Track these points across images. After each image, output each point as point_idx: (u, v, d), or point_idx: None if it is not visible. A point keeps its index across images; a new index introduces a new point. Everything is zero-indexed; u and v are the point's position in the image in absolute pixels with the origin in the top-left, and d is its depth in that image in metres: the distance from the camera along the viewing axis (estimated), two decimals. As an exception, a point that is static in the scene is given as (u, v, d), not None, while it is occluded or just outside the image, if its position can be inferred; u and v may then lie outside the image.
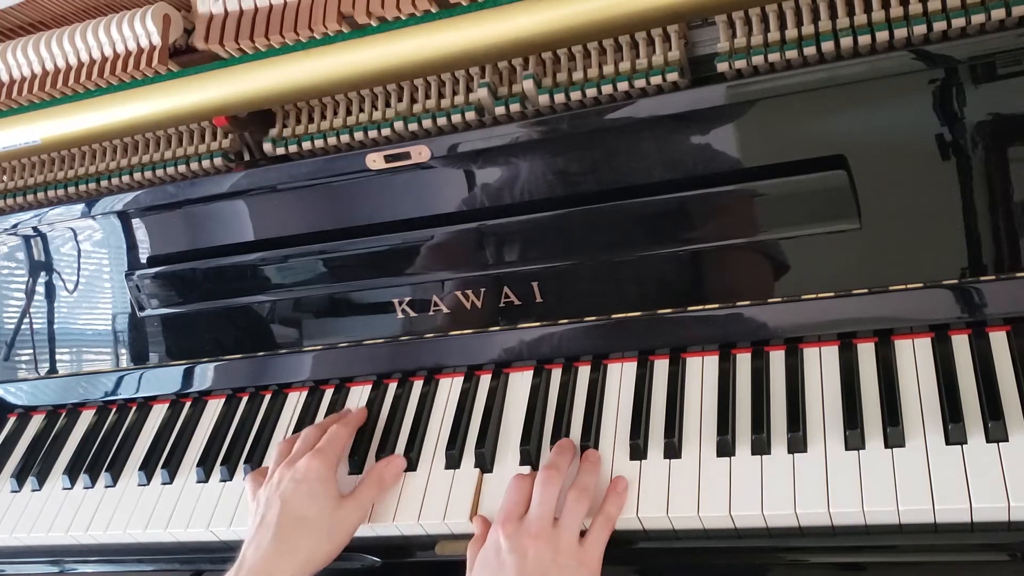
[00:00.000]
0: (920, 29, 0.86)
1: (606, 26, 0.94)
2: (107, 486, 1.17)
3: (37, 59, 1.14)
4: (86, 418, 1.29)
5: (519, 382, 1.07)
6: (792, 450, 0.89)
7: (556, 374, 1.06)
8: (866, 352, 0.95)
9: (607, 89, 0.96)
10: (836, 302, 0.96)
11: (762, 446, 0.90)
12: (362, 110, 1.09)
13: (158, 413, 1.25)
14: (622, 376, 1.03)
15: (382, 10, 0.98)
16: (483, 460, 1.01)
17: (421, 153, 1.02)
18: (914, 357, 0.93)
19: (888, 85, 0.88)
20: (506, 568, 0.86)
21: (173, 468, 1.15)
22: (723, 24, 0.94)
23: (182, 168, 1.15)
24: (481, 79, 1.03)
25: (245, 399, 1.21)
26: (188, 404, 1.24)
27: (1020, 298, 0.91)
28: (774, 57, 0.91)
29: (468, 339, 1.10)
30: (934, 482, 0.82)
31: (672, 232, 0.98)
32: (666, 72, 0.94)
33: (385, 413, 1.11)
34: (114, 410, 1.28)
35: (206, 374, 1.23)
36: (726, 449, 0.91)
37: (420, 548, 1.00)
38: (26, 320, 1.29)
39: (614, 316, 1.03)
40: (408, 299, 1.09)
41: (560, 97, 0.98)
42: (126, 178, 1.18)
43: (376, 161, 1.03)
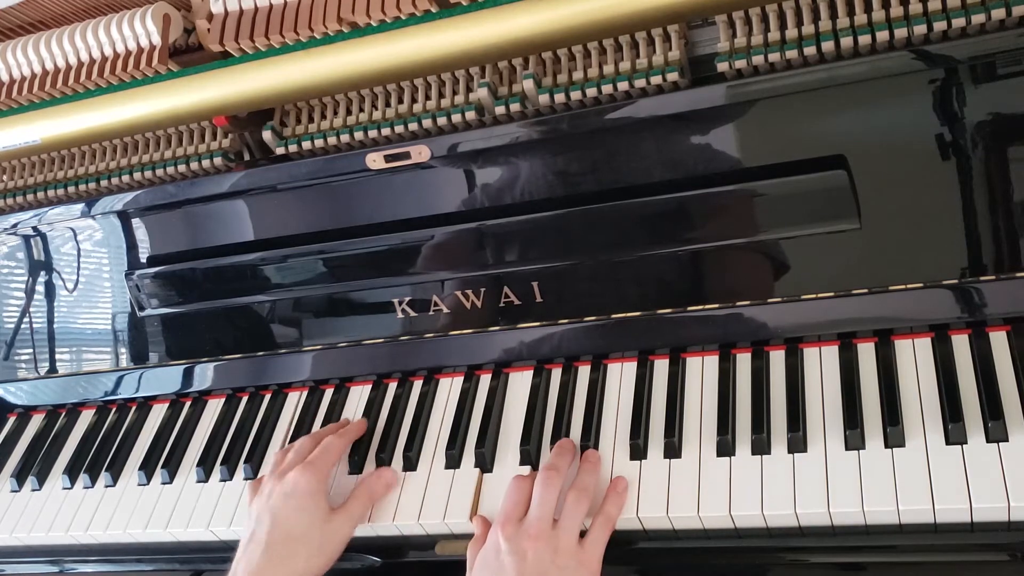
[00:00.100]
0: (920, 29, 0.86)
1: (606, 26, 0.94)
2: (107, 486, 1.17)
3: (37, 59, 1.14)
4: (86, 418, 1.29)
5: (519, 382, 1.07)
6: (792, 450, 0.89)
7: (556, 374, 1.06)
8: (866, 352, 0.95)
9: (607, 89, 0.96)
10: (836, 302, 0.96)
11: (762, 446, 0.90)
12: (362, 110, 1.09)
13: (158, 413, 1.25)
14: (622, 376, 1.03)
15: (382, 10, 0.98)
16: (483, 460, 1.01)
17: (421, 153, 1.02)
18: (914, 357, 0.93)
19: (888, 85, 0.88)
20: (506, 569, 0.86)
21: (173, 468, 1.16)
22: (723, 24, 0.94)
23: (182, 168, 1.15)
24: (481, 79, 1.03)
25: (245, 399, 1.21)
26: (188, 404, 1.24)
27: (1020, 298, 0.91)
28: (774, 57, 0.91)
29: (468, 339, 1.09)
30: (934, 482, 0.82)
31: (672, 232, 0.98)
32: (666, 72, 0.94)
33: (385, 413, 1.11)
34: (114, 410, 1.28)
35: (206, 374, 1.23)
36: (726, 449, 0.91)
37: (420, 548, 1.00)
38: (26, 320, 1.29)
39: (614, 316, 1.03)
40: (408, 299, 1.09)
41: (560, 97, 0.98)
42: (126, 178, 1.18)
43: (376, 161, 1.03)
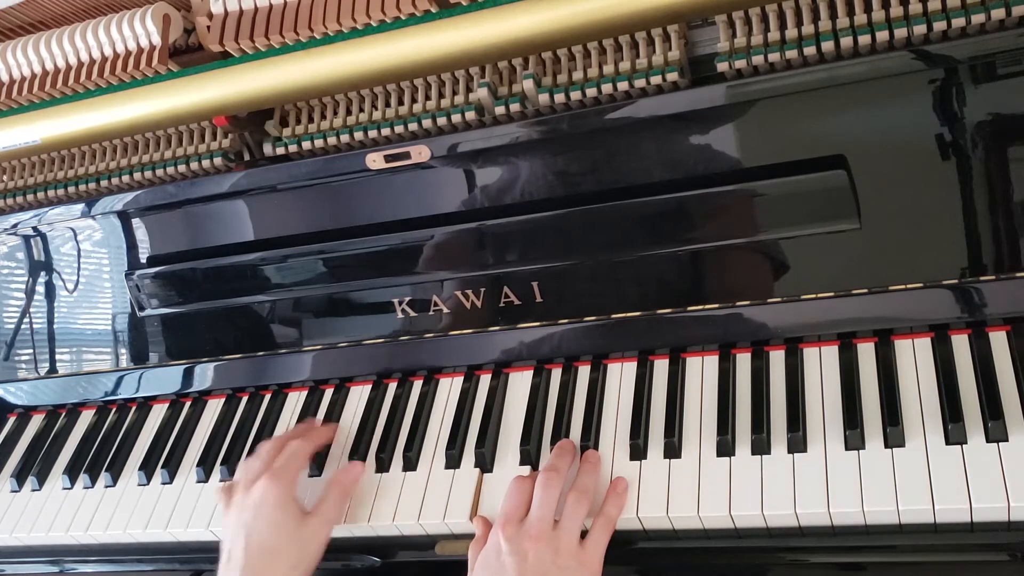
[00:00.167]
0: (920, 29, 0.86)
1: (606, 26, 0.94)
2: (107, 486, 1.17)
3: (37, 59, 1.14)
4: (86, 418, 1.29)
5: (519, 382, 1.07)
6: (792, 450, 0.89)
7: (556, 374, 1.06)
8: (866, 352, 0.95)
9: (607, 89, 0.96)
10: (836, 302, 0.95)
11: (762, 446, 0.90)
12: (362, 110, 1.09)
13: (158, 413, 1.25)
14: (622, 376, 1.03)
15: (382, 10, 0.98)
16: (483, 460, 1.01)
17: (421, 153, 1.02)
18: (914, 357, 0.93)
19: (888, 85, 0.88)
20: (507, 569, 0.86)
21: (173, 468, 1.16)
22: (723, 24, 0.94)
23: (182, 168, 1.15)
24: (481, 79, 1.03)
25: (245, 399, 1.21)
26: (188, 404, 1.24)
27: (1020, 298, 0.91)
28: (774, 57, 0.91)
29: (468, 339, 1.09)
30: (934, 482, 0.82)
31: (672, 232, 0.98)
32: (666, 72, 0.94)
33: (385, 413, 1.11)
34: (114, 410, 1.28)
35: (206, 374, 1.23)
36: (726, 449, 0.91)
37: (420, 548, 1.00)
38: (26, 320, 1.29)
39: (614, 316, 1.03)
40: (408, 299, 1.09)
41: (560, 97, 0.98)
42: (126, 178, 1.18)
43: (376, 161, 1.03)
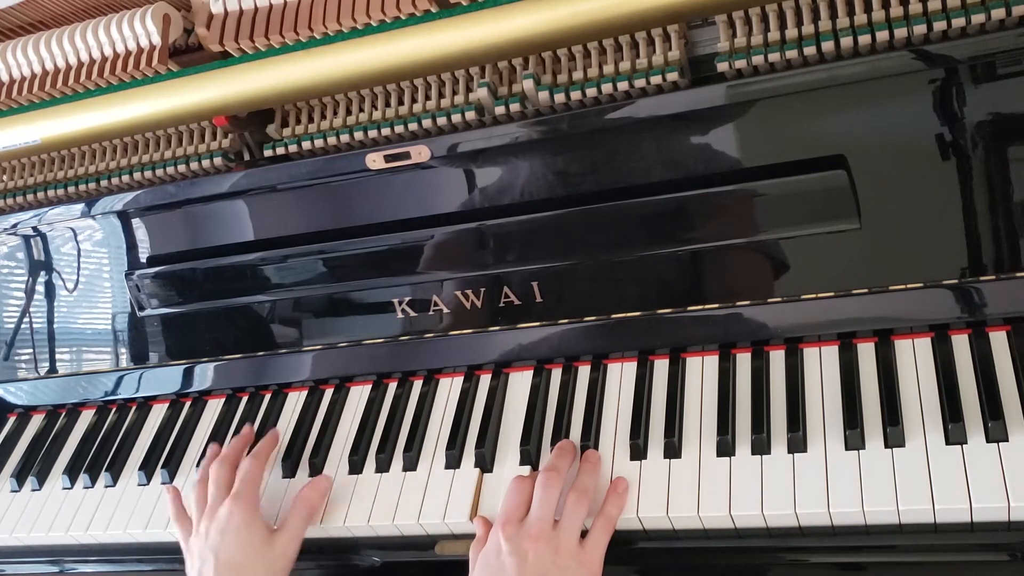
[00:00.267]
0: (920, 29, 0.86)
1: (606, 26, 0.94)
2: (107, 486, 1.17)
3: (37, 59, 1.14)
4: (86, 418, 1.29)
5: (519, 382, 1.07)
6: (792, 450, 0.89)
7: (556, 374, 1.06)
8: (866, 352, 0.95)
9: (607, 89, 0.96)
10: (836, 302, 0.95)
11: (762, 446, 0.90)
12: (362, 110, 1.09)
13: (158, 413, 1.25)
14: (622, 376, 1.03)
15: (382, 10, 0.98)
16: (483, 460, 1.00)
17: (421, 153, 1.02)
18: (914, 357, 0.93)
19: (888, 85, 0.88)
20: (507, 569, 0.86)
21: (173, 468, 1.16)
22: (723, 24, 0.94)
23: (182, 168, 1.15)
24: (481, 79, 1.03)
25: (245, 399, 1.21)
26: (188, 404, 1.24)
27: (1020, 298, 0.91)
28: (774, 57, 0.91)
29: (468, 339, 1.09)
30: (934, 482, 0.82)
31: (672, 232, 0.98)
32: (666, 72, 0.94)
33: (385, 413, 1.11)
34: (114, 410, 1.28)
35: (206, 374, 1.23)
36: (726, 449, 0.91)
37: (420, 548, 1.00)
38: (26, 320, 1.29)
39: (614, 316, 1.03)
40: (408, 299, 1.09)
41: (560, 97, 0.98)
42: (126, 178, 1.18)
43: (376, 161, 1.03)
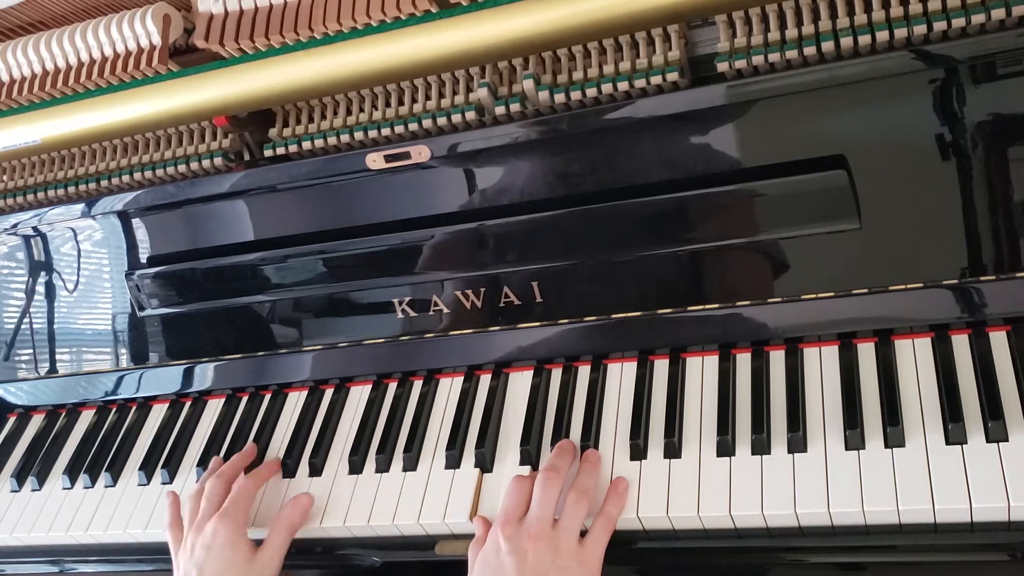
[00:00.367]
0: (920, 29, 0.86)
1: (606, 26, 0.94)
2: (107, 486, 1.17)
3: (37, 59, 1.14)
4: (86, 418, 1.29)
5: (519, 382, 1.07)
6: (792, 450, 0.89)
7: (556, 374, 1.06)
8: (866, 352, 0.95)
9: (607, 89, 0.96)
10: (836, 302, 0.95)
11: (762, 446, 0.90)
12: (362, 110, 1.09)
13: (158, 413, 1.25)
14: (622, 376, 1.03)
15: (382, 10, 0.98)
16: (483, 460, 1.00)
17: (421, 153, 1.02)
18: (914, 357, 0.93)
19: (888, 85, 0.88)
20: (506, 569, 0.86)
21: (173, 468, 1.16)
22: (723, 24, 0.94)
23: (182, 168, 1.15)
24: (481, 79, 1.03)
25: (245, 399, 1.21)
26: (188, 404, 1.24)
27: (1020, 298, 0.90)
28: (774, 57, 0.91)
29: (468, 339, 1.09)
30: (934, 482, 0.82)
31: (672, 232, 0.98)
32: (666, 72, 0.94)
33: (385, 413, 1.11)
34: (114, 410, 1.28)
35: (206, 374, 1.23)
36: (726, 449, 0.91)
37: (420, 548, 1.00)
38: (26, 320, 1.29)
39: (614, 316, 1.03)
40: (408, 299, 1.09)
41: (560, 97, 0.98)
42: (126, 178, 1.18)
43: (376, 161, 1.03)
